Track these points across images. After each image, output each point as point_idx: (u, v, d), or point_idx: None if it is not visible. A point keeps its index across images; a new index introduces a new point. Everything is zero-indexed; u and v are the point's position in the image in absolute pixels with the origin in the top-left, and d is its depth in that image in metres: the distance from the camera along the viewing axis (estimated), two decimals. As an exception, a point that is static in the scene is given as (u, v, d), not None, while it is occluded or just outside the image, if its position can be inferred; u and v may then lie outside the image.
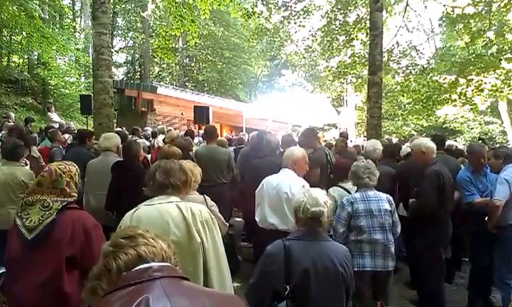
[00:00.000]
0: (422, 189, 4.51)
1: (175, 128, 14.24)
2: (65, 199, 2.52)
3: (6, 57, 23.24)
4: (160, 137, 9.56)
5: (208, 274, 2.41)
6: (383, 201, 3.82)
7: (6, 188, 4.54)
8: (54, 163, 2.72)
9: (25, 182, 4.52)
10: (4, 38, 22.15)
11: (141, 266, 1.24)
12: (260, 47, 27.16)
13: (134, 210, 2.51)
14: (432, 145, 4.75)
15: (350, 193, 4.33)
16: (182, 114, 18.92)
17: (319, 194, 2.76)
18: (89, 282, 1.29)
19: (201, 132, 12.42)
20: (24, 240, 2.43)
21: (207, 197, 3.64)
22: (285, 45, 15.90)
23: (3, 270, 3.71)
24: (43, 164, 5.91)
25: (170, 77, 33.49)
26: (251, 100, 30.51)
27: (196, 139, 10.26)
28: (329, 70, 15.59)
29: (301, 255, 2.57)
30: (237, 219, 7.43)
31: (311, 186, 3.50)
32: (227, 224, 3.72)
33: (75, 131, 11.06)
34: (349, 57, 14.32)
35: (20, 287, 2.45)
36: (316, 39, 14.70)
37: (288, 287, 2.51)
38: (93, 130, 8.69)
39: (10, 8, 18.17)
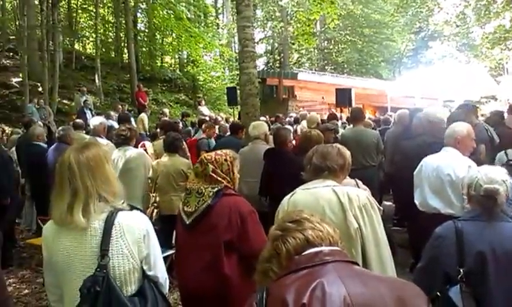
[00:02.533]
0: None
1: (317, 113, 14.22)
2: (215, 185, 2.60)
3: (160, 59, 26.03)
4: (304, 123, 9.60)
5: (367, 261, 2.31)
6: None
7: (169, 177, 5.06)
8: (205, 153, 2.86)
9: (185, 171, 4.99)
10: (157, 41, 24.78)
11: (312, 250, 1.25)
12: (403, 20, 25.54)
13: (290, 194, 2.51)
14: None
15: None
16: (322, 98, 18.83)
17: (497, 171, 2.45)
18: (260, 264, 1.34)
19: (343, 115, 12.21)
20: (184, 225, 2.62)
21: (358, 181, 3.49)
22: (433, 15, 14.70)
23: (169, 252, 4.07)
24: (189, 154, 6.43)
25: (309, 62, 33.57)
26: (395, 78, 28.89)
27: (339, 123, 10.07)
28: (486, 37, 14.01)
29: (475, 237, 2.32)
30: (387, 203, 7.14)
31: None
32: (381, 208, 3.54)
33: (221, 122, 11.86)
34: (510, 21, 12.72)
35: (186, 269, 2.63)
36: (469, 5, 13.31)
37: (461, 270, 2.29)
38: (240, 120, 9.12)
39: (161, 12, 20.20)
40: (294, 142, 7.57)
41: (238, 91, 14.29)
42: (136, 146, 5.72)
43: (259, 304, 1.20)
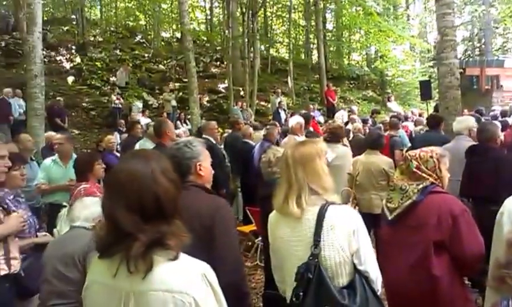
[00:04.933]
0: None
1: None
2: (420, 182, 2.52)
3: (347, 57, 26.23)
4: (515, 116, 8.55)
5: None
6: None
7: (369, 175, 5.11)
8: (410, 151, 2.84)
9: (386, 170, 5.01)
10: (344, 40, 25.10)
11: None
12: None
13: None
14: None
15: None
16: (537, 86, 16.40)
17: None
18: (496, 270, 1.31)
19: None
20: (386, 221, 2.64)
21: None
22: None
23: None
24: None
25: (517, 46, 29.40)
26: None
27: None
28: None
29: None
30: None
31: None
32: None
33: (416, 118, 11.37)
34: None
35: (391, 266, 2.61)
36: None
37: None
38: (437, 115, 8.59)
39: (349, 11, 20.41)
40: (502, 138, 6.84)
41: (432, 84, 13.52)
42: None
43: None
